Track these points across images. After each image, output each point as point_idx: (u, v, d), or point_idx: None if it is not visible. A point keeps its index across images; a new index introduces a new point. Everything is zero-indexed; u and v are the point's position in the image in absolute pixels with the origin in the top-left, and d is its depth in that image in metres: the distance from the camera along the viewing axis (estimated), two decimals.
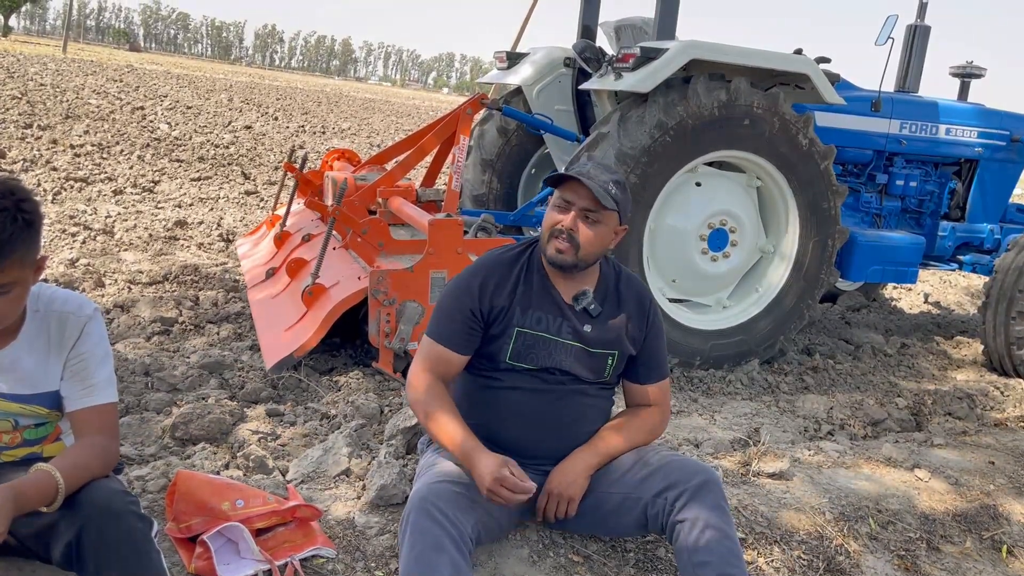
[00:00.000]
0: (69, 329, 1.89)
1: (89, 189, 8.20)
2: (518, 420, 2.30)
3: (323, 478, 2.72)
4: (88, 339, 1.90)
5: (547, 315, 2.29)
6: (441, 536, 1.91)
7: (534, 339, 2.27)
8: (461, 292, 2.28)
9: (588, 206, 2.20)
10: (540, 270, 2.32)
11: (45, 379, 1.89)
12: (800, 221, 4.80)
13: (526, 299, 2.28)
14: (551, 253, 2.23)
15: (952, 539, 2.85)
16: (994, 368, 5.40)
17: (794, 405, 4.22)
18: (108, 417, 1.92)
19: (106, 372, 1.94)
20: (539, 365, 2.28)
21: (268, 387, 3.64)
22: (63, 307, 1.90)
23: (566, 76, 5.55)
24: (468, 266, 2.39)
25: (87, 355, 1.90)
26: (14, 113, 12.87)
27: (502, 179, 6.03)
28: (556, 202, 2.24)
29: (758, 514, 2.75)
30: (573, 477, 2.25)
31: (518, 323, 2.26)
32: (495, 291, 2.26)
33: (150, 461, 2.76)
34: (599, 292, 2.35)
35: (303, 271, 4.34)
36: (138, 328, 4.37)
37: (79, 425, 1.89)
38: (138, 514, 1.79)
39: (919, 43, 5.93)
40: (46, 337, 1.88)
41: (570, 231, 2.19)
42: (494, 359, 2.29)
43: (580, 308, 2.30)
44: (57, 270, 5.18)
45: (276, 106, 24.95)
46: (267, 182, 10.31)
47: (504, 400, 2.30)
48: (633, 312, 2.37)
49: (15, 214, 1.66)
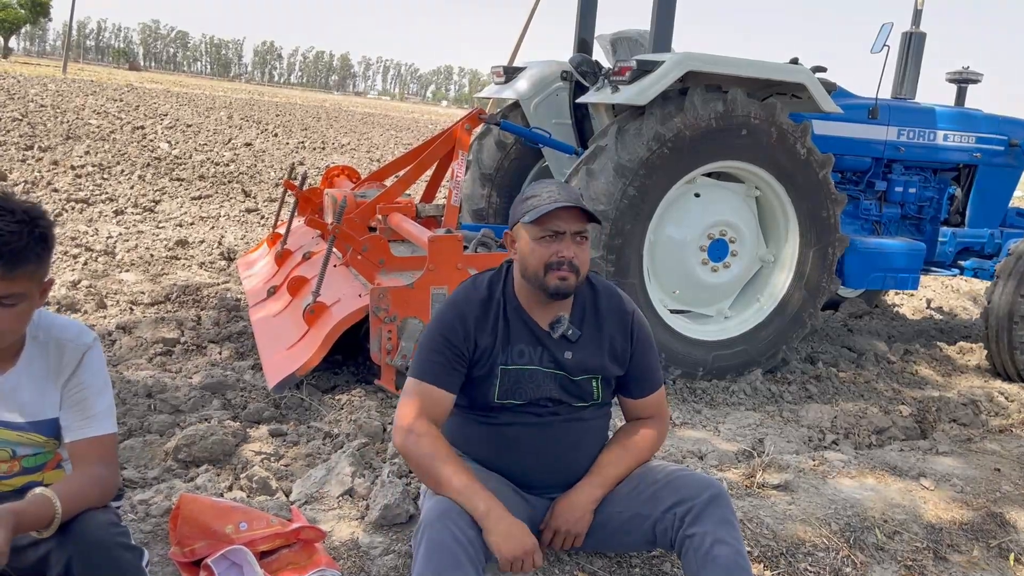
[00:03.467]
0: (68, 356, 1.89)
1: (90, 210, 8.22)
2: (515, 454, 2.27)
3: (326, 498, 2.72)
4: (88, 369, 1.90)
5: (528, 347, 2.25)
6: (459, 554, 1.90)
7: (518, 374, 2.24)
8: (444, 329, 2.22)
9: (580, 228, 2.17)
10: (513, 301, 2.28)
11: (43, 407, 1.89)
12: (800, 230, 4.80)
13: (506, 335, 2.24)
14: (554, 284, 2.16)
15: (959, 548, 2.84)
16: (998, 374, 5.40)
17: (798, 415, 4.21)
18: (107, 448, 1.92)
19: (105, 402, 1.93)
20: (528, 399, 2.25)
21: (271, 407, 3.64)
22: (62, 334, 1.90)
23: (563, 90, 5.57)
24: (441, 306, 2.30)
25: (87, 385, 1.90)
26: (15, 135, 12.92)
27: (501, 193, 6.04)
28: (541, 234, 2.15)
29: (763, 526, 2.74)
30: (580, 513, 2.22)
31: (502, 362, 2.23)
32: (477, 329, 2.22)
33: (153, 484, 2.76)
34: (575, 314, 2.30)
35: (304, 289, 4.34)
36: (140, 349, 4.38)
37: (78, 456, 1.89)
38: (126, 545, 1.79)
39: (915, 50, 5.94)
40: (45, 364, 1.88)
41: (571, 260, 2.15)
42: (484, 400, 2.25)
43: (558, 335, 2.25)
44: (59, 292, 5.19)
45: (276, 122, 25.04)
46: (268, 199, 10.34)
47: (500, 436, 2.27)
48: (615, 330, 2.32)
49: (32, 227, 1.72)
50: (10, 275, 1.69)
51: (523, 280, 2.24)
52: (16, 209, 1.72)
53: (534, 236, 2.17)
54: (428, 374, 2.20)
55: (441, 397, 2.19)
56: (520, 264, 2.24)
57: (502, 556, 1.97)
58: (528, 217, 2.15)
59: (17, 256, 1.68)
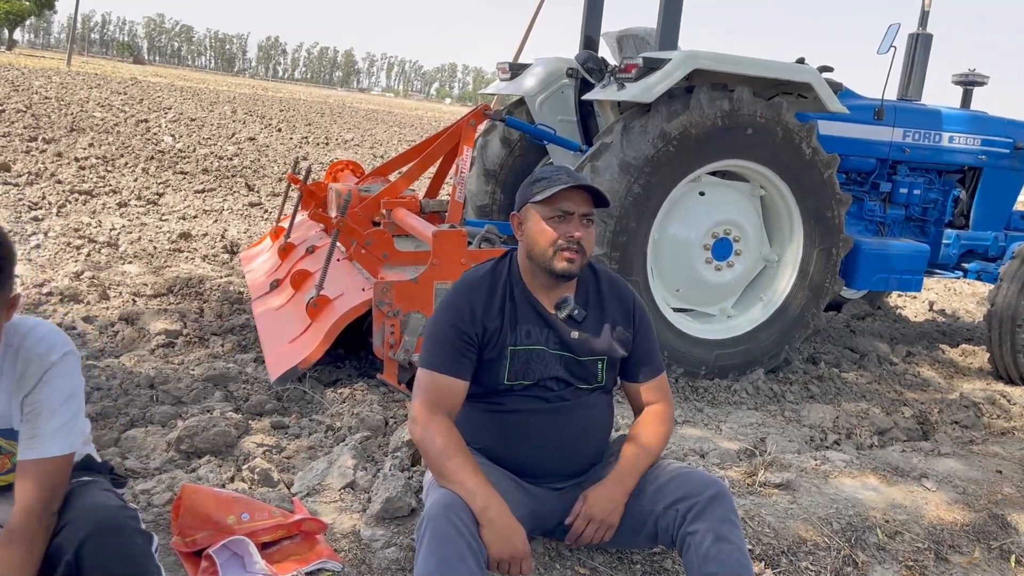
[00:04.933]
0: (31, 371, 1.82)
1: (94, 202, 8.22)
2: (524, 442, 2.27)
3: (328, 491, 2.72)
4: (47, 385, 1.82)
5: (534, 327, 2.26)
6: (463, 547, 1.90)
7: (527, 354, 2.25)
8: (452, 316, 2.22)
9: (587, 210, 2.20)
10: (520, 283, 2.29)
11: (8, 417, 1.86)
12: (804, 230, 4.79)
13: (513, 316, 2.26)
14: (562, 266, 2.18)
15: (960, 549, 2.84)
16: (1000, 376, 5.39)
17: (800, 415, 4.21)
18: (45, 471, 1.78)
19: (58, 422, 1.82)
20: (536, 379, 2.26)
21: (273, 399, 3.64)
22: (34, 347, 1.84)
23: (569, 87, 5.56)
24: (447, 294, 2.32)
25: (42, 403, 1.82)
26: (19, 126, 12.93)
27: (505, 189, 6.04)
28: (551, 214, 2.18)
29: (765, 525, 2.74)
30: (614, 505, 2.20)
31: (511, 343, 2.23)
32: (485, 313, 2.23)
33: (155, 475, 2.76)
34: (580, 296, 2.32)
35: (307, 283, 4.34)
36: (143, 341, 4.38)
37: (19, 475, 1.80)
38: (138, 529, 1.79)
39: (921, 51, 5.93)
40: (12, 374, 1.84)
41: (579, 241, 2.17)
42: (493, 382, 2.26)
43: (564, 315, 2.27)
44: (62, 283, 5.19)
45: (279, 117, 25.04)
46: (271, 193, 10.34)
47: (508, 423, 2.27)
48: (618, 316, 2.34)
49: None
50: None
51: (529, 262, 2.26)
52: None
53: (544, 216, 2.19)
54: (439, 364, 2.20)
55: (454, 385, 2.20)
56: (527, 245, 2.25)
57: (492, 555, 1.97)
58: (539, 196, 2.18)
59: None
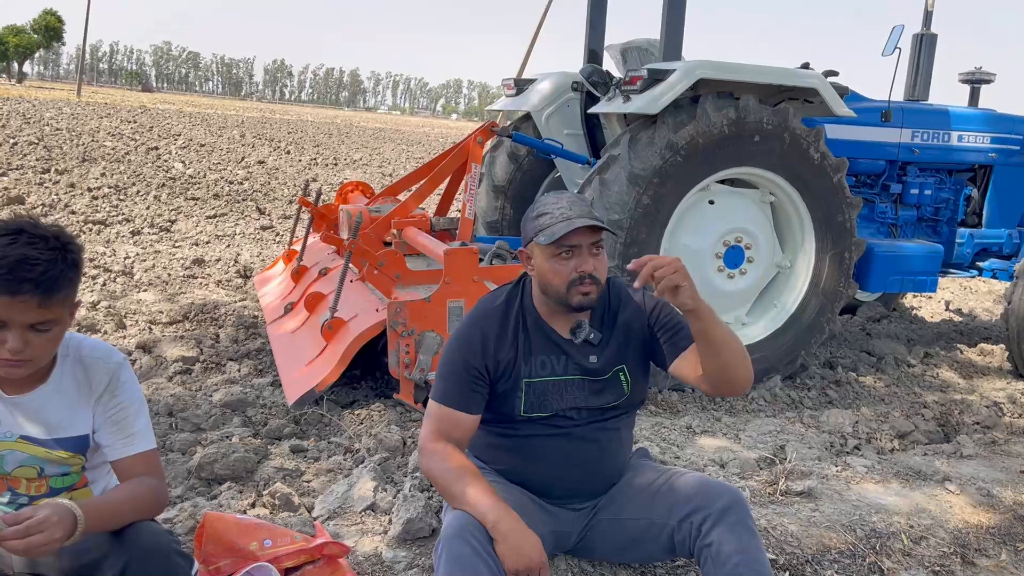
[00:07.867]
0: (99, 375, 1.92)
1: (107, 231, 8.30)
2: (541, 465, 2.26)
3: (349, 513, 2.72)
4: (125, 388, 1.94)
5: (550, 357, 2.24)
6: (480, 565, 1.90)
7: (543, 386, 2.22)
8: (464, 350, 2.20)
9: (595, 240, 2.15)
10: (532, 313, 2.27)
11: (72, 424, 1.91)
12: (816, 235, 4.78)
13: (527, 347, 2.23)
14: (578, 300, 2.14)
15: (987, 552, 2.81)
16: (1020, 375, 5.34)
17: (819, 420, 4.18)
18: (151, 462, 1.96)
19: (144, 419, 1.97)
20: (554, 410, 2.23)
21: (291, 423, 3.65)
22: (92, 353, 1.94)
23: (574, 100, 5.58)
24: (460, 325, 2.30)
25: (126, 404, 1.94)
26: (32, 158, 13.08)
27: (514, 205, 6.05)
28: (557, 251, 2.12)
29: (788, 534, 2.72)
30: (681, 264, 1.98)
31: (526, 375, 2.21)
32: (497, 345, 2.21)
33: (177, 503, 2.77)
34: (595, 317, 2.29)
35: (321, 305, 4.36)
36: (160, 368, 4.41)
37: (125, 472, 1.93)
38: (181, 552, 1.84)
39: (926, 51, 5.92)
40: (74, 382, 1.91)
41: (592, 274, 2.13)
42: (509, 415, 2.24)
43: (580, 340, 2.24)
44: (79, 313, 5.23)
45: (288, 140, 25.22)
46: (282, 216, 10.40)
47: (525, 448, 2.26)
48: (631, 316, 2.30)
49: (64, 254, 1.75)
50: (47, 303, 1.72)
51: (543, 295, 2.23)
52: (48, 236, 1.74)
53: (550, 255, 2.14)
54: (449, 397, 2.18)
55: (463, 420, 2.18)
56: (540, 282, 2.21)
57: (508, 568, 1.96)
58: (542, 239, 2.12)
59: (53, 284, 1.71)
